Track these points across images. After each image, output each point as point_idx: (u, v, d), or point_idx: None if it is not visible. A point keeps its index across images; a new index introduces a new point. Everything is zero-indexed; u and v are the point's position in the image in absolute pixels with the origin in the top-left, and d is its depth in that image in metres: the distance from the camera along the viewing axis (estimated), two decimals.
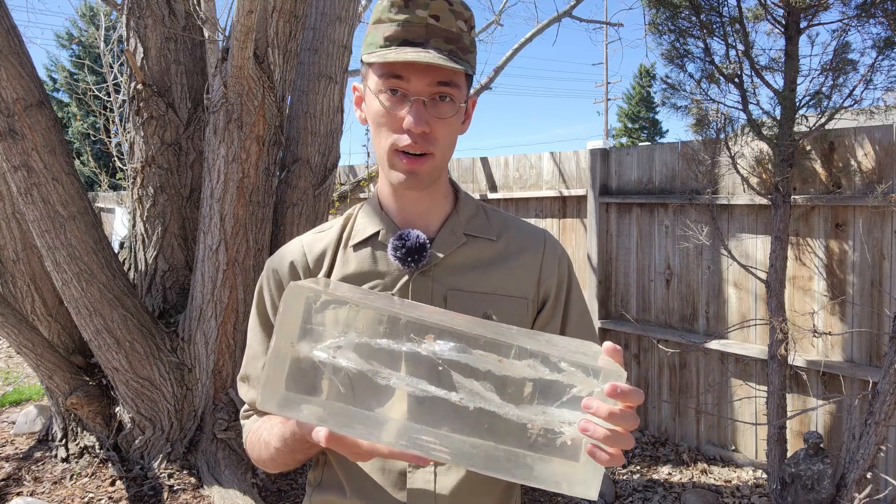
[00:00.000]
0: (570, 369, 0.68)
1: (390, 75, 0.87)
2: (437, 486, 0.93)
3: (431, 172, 0.92)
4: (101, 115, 7.25)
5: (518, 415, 0.68)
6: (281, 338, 0.70)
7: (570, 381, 0.68)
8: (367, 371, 0.69)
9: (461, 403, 0.68)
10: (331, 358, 0.70)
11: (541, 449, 0.69)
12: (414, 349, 0.69)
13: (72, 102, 17.73)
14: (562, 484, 0.69)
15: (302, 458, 0.91)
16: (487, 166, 5.30)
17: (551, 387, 0.69)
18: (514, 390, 0.69)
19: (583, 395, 0.68)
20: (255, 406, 1.01)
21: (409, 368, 0.70)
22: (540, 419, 0.68)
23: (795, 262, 3.44)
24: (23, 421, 4.08)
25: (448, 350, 0.69)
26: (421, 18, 0.86)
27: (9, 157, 2.88)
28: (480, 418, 0.69)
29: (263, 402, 0.70)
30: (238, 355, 3.27)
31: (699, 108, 3.17)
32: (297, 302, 0.71)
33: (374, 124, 0.91)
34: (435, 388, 0.69)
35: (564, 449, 0.68)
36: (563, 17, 6.57)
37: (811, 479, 2.72)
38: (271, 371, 0.70)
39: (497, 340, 0.70)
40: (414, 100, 0.86)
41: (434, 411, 0.69)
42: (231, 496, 2.98)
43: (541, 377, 0.69)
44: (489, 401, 0.68)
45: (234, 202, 3.06)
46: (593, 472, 0.68)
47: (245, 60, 2.77)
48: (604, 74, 28.71)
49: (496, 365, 0.69)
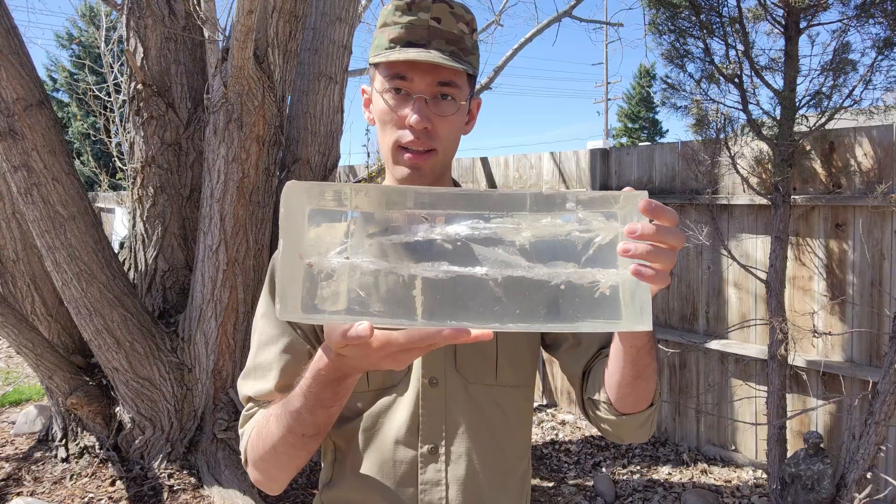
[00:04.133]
0: (588, 216, 0.66)
1: (394, 75, 0.91)
2: (449, 478, 0.94)
3: (435, 168, 0.95)
4: (101, 115, 7.25)
5: (549, 273, 0.66)
6: (288, 247, 0.65)
7: (592, 230, 0.66)
8: (384, 269, 0.66)
9: (488, 276, 0.66)
10: (344, 261, 0.66)
11: (583, 303, 0.66)
12: (428, 235, 0.67)
13: (72, 102, 17.72)
14: (610, 327, 0.67)
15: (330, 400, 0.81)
16: (487, 166, 5.30)
17: (575, 241, 0.66)
18: (538, 251, 0.66)
19: (606, 242, 0.66)
20: (262, 398, 0.96)
21: (426, 255, 0.67)
22: (572, 274, 0.66)
23: (795, 262, 3.44)
24: (23, 421, 4.08)
25: (463, 227, 0.66)
26: (423, 21, 0.90)
27: (9, 157, 2.88)
28: (511, 287, 0.66)
29: (283, 312, 0.65)
30: (238, 355, 3.27)
31: (699, 109, 3.17)
32: (297, 201, 0.66)
33: (379, 122, 0.95)
34: (458, 267, 0.66)
35: (604, 299, 0.66)
36: (563, 17, 6.57)
37: (811, 479, 2.73)
38: (285, 281, 0.65)
39: (510, 200, 0.67)
40: (416, 98, 0.90)
41: (462, 292, 0.66)
42: (231, 496, 2.98)
43: (562, 233, 0.67)
44: (516, 266, 0.66)
45: (234, 202, 3.06)
46: (640, 307, 0.65)
47: (245, 60, 2.77)
48: (604, 74, 28.72)
49: (514, 230, 0.66)
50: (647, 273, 0.64)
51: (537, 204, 0.67)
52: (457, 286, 0.66)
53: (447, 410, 0.96)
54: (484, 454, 0.96)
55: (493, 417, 0.98)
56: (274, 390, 0.95)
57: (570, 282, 0.66)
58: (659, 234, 0.65)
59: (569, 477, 3.70)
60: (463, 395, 0.96)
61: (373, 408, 0.97)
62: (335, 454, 1.00)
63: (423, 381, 0.95)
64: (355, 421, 0.97)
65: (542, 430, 4.37)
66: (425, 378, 0.95)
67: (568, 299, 0.66)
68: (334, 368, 0.76)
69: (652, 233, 0.64)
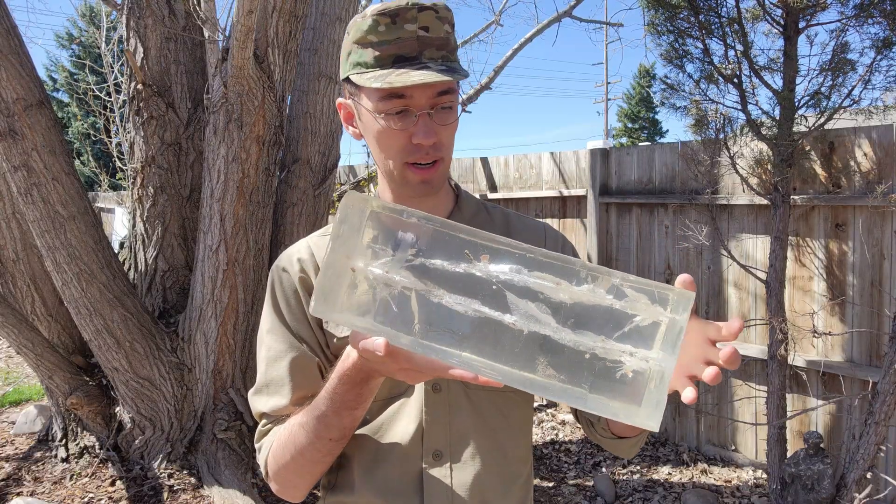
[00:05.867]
0: (634, 294, 0.64)
1: (392, 96, 0.86)
2: (454, 483, 0.94)
3: (442, 177, 0.95)
4: (101, 115, 7.25)
5: (575, 340, 0.64)
6: (337, 250, 0.68)
7: (633, 310, 0.64)
8: (420, 290, 0.67)
9: (515, 326, 0.65)
10: (384, 274, 0.68)
11: (599, 380, 0.64)
12: (469, 270, 0.67)
13: (72, 102, 17.72)
14: (619, 413, 0.65)
15: (354, 402, 0.83)
16: (487, 166, 5.31)
17: (612, 315, 0.64)
18: (571, 316, 0.65)
19: (645, 324, 0.64)
20: (278, 413, 0.96)
21: (461, 288, 0.67)
22: (598, 347, 0.64)
23: (795, 262, 3.44)
24: (23, 421, 4.08)
25: (504, 271, 0.66)
26: (411, 33, 0.86)
27: (9, 157, 2.88)
28: (534, 343, 0.65)
29: (317, 309, 0.68)
30: (238, 355, 3.27)
31: (698, 109, 3.17)
32: (356, 211, 0.69)
33: (376, 143, 0.91)
34: (489, 309, 0.66)
35: (625, 381, 0.64)
36: (563, 17, 6.57)
37: (811, 479, 2.73)
38: (326, 281, 0.68)
39: (555, 263, 0.66)
40: (420, 114, 0.87)
41: (486, 333, 0.66)
42: (231, 496, 2.98)
43: (601, 303, 0.64)
44: (544, 324, 0.65)
45: (234, 202, 3.06)
46: (656, 404, 0.64)
47: (245, 60, 2.77)
48: (604, 74, 28.72)
49: (553, 288, 0.65)
50: (718, 379, 0.66)
51: (587, 271, 0.66)
52: (482, 326, 0.67)
53: (451, 416, 0.96)
54: (488, 459, 0.96)
55: (496, 423, 0.98)
56: (290, 405, 0.95)
57: (595, 354, 0.64)
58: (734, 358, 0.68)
59: (569, 477, 3.70)
60: (465, 402, 0.96)
61: (380, 414, 0.98)
62: (339, 458, 1.00)
63: (426, 387, 0.96)
64: (361, 427, 0.97)
65: (542, 430, 4.37)
66: (428, 384, 0.96)
67: (587, 370, 0.65)
68: (358, 369, 0.78)
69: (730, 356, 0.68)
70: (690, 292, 0.64)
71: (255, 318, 3.21)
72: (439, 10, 0.87)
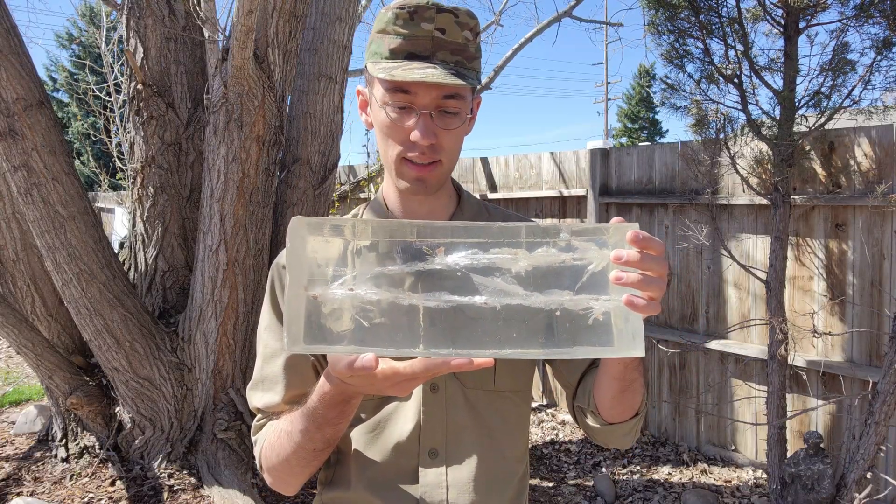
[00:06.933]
0: (582, 245, 0.69)
1: (397, 90, 0.88)
2: (449, 481, 0.95)
3: (440, 178, 0.94)
4: (101, 115, 7.25)
5: (545, 301, 0.68)
6: (294, 282, 0.68)
7: (586, 259, 0.69)
8: (386, 299, 0.68)
9: (488, 305, 0.68)
10: (348, 292, 0.68)
11: (577, 330, 0.69)
12: (428, 267, 0.69)
13: (72, 102, 17.73)
14: (606, 353, 0.70)
15: (336, 419, 0.85)
16: (487, 166, 5.30)
17: (570, 269, 0.69)
18: (534, 280, 0.69)
19: (598, 270, 0.69)
20: (271, 410, 0.99)
21: (426, 285, 0.69)
22: (567, 301, 0.68)
23: (795, 262, 3.44)
24: (23, 421, 4.08)
25: (462, 257, 0.69)
26: (426, 32, 0.86)
27: (9, 157, 2.88)
28: (509, 315, 0.68)
29: (291, 345, 0.68)
30: (238, 355, 3.27)
31: (699, 109, 3.17)
32: (299, 237, 0.69)
33: (380, 133, 0.93)
34: (458, 296, 0.68)
35: (598, 325, 0.69)
36: (563, 17, 6.58)
37: (811, 479, 2.73)
38: (291, 315, 0.68)
39: (506, 232, 0.70)
40: (421, 113, 0.88)
41: (462, 320, 0.69)
42: (231, 496, 2.98)
43: (557, 261, 0.69)
44: (514, 294, 0.68)
45: (234, 202, 3.06)
46: (633, 335, 0.68)
47: (245, 60, 2.77)
48: (604, 74, 28.72)
49: (511, 260, 0.69)
50: (638, 303, 0.67)
51: (533, 234, 0.70)
52: (457, 314, 0.68)
53: (448, 415, 0.96)
54: (484, 457, 0.97)
55: (493, 422, 0.99)
56: (282, 403, 0.97)
57: (565, 308, 0.69)
58: (644, 261, 0.67)
59: (569, 477, 3.70)
60: (462, 401, 0.97)
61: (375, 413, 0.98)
62: (336, 455, 1.01)
63: (423, 388, 0.96)
64: (357, 425, 0.98)
65: (542, 430, 4.37)
66: (426, 385, 0.96)
67: (563, 326, 0.69)
68: (339, 392, 0.79)
69: (637, 260, 0.67)
70: (621, 225, 0.69)
71: (255, 318, 3.21)
72: (459, 15, 0.88)
